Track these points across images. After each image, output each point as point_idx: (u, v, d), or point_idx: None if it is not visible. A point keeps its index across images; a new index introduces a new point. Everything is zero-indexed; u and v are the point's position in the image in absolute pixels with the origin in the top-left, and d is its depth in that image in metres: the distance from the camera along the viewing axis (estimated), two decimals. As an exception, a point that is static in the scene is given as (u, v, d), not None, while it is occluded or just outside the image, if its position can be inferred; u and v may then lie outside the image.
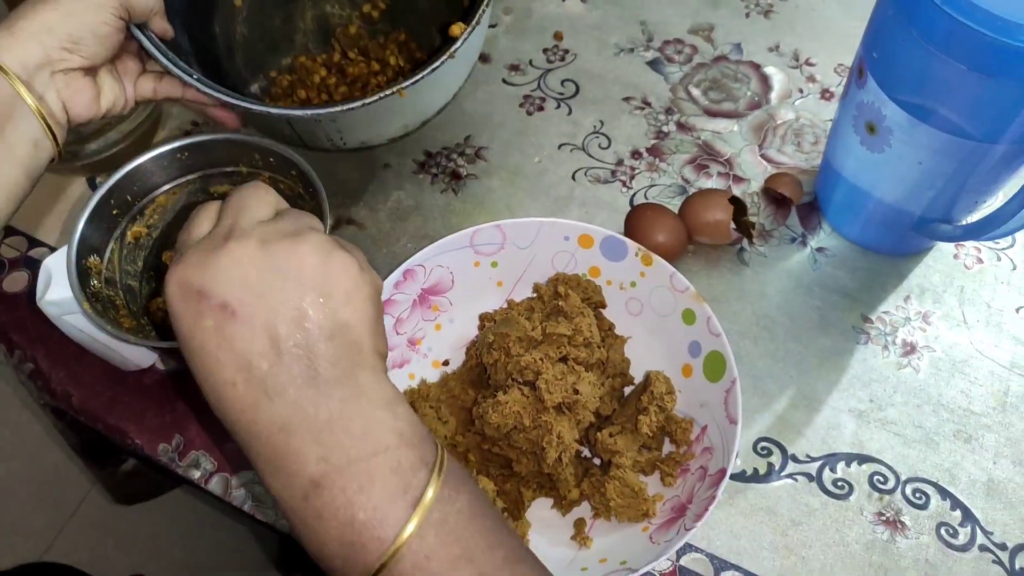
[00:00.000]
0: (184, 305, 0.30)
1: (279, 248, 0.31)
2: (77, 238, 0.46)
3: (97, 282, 0.47)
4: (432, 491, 0.30)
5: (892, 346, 0.60)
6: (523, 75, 0.73)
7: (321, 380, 0.30)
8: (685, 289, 0.55)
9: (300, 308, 0.31)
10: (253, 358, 0.30)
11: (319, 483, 0.30)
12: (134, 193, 0.50)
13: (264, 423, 0.30)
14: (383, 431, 0.31)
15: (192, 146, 0.50)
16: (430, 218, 0.66)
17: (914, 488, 0.54)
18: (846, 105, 0.57)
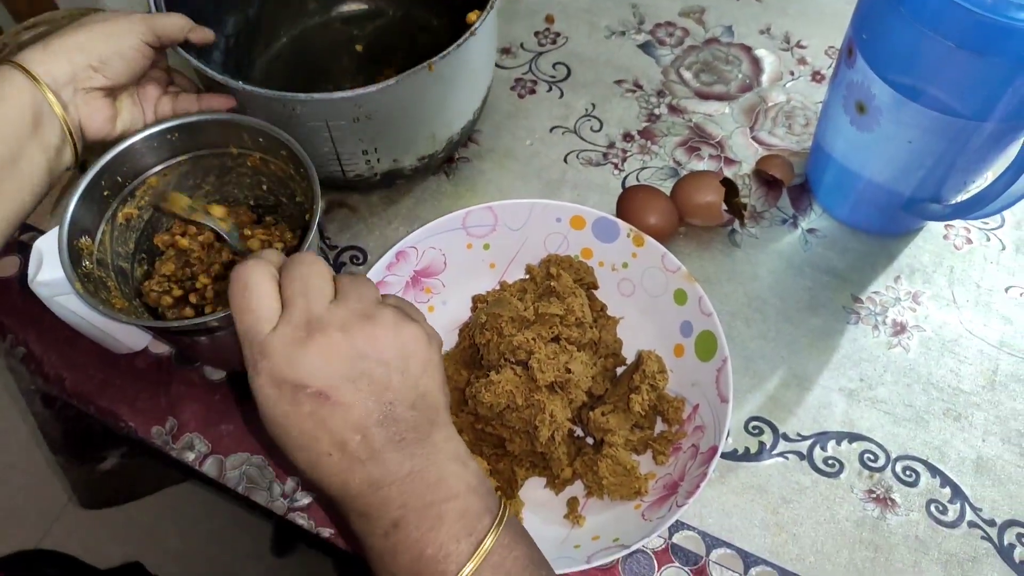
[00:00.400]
0: (278, 396, 0.34)
1: (360, 334, 0.35)
2: (68, 219, 0.46)
3: (88, 263, 0.47)
4: (492, 537, 0.34)
5: (882, 326, 0.60)
6: (514, 58, 0.73)
7: (405, 443, 0.35)
8: (677, 269, 0.55)
9: (386, 385, 0.35)
10: (347, 433, 0.34)
11: (397, 523, 0.34)
12: (124, 174, 0.50)
13: (356, 483, 0.34)
14: (454, 481, 0.35)
15: (182, 127, 0.50)
16: (422, 201, 0.66)
17: (904, 466, 0.55)
18: (836, 85, 0.57)
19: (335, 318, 0.35)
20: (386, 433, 0.34)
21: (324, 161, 0.58)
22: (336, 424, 0.34)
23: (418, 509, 0.34)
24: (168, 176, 0.52)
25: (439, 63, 0.52)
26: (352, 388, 0.34)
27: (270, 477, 0.54)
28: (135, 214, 0.51)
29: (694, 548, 0.52)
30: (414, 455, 0.35)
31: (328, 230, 0.64)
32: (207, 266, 0.52)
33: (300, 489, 0.53)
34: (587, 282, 0.57)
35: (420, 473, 0.35)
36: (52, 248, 0.47)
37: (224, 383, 0.57)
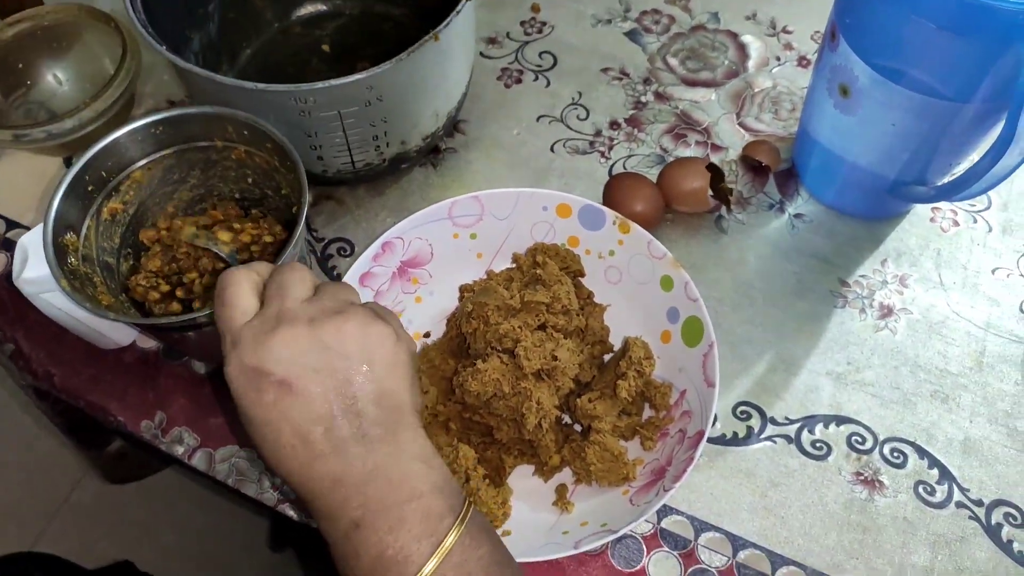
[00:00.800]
0: (245, 383, 0.34)
1: (326, 326, 0.35)
2: (53, 215, 0.46)
3: (74, 259, 0.47)
4: (454, 536, 0.34)
5: (869, 309, 0.60)
6: (500, 48, 0.73)
7: (367, 439, 0.35)
8: (663, 256, 0.55)
9: (348, 379, 0.35)
10: (308, 425, 0.34)
11: (358, 523, 0.34)
12: (109, 169, 0.50)
13: (317, 478, 0.34)
14: (417, 481, 0.35)
15: (166, 121, 0.50)
16: (408, 192, 0.66)
17: (892, 448, 0.55)
18: (820, 69, 0.57)
19: (305, 312, 0.35)
20: (348, 426, 0.34)
21: (335, 153, 0.58)
22: (297, 414, 0.34)
23: (379, 511, 0.34)
24: (153, 170, 0.52)
25: (443, 32, 0.53)
26: (315, 379, 0.34)
27: (260, 469, 0.54)
28: (120, 209, 0.51)
29: (683, 532, 0.52)
30: (376, 451, 0.35)
31: (315, 222, 0.64)
32: (194, 260, 0.53)
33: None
34: (573, 270, 0.57)
35: (383, 470, 0.35)
36: (37, 245, 0.47)
37: (212, 377, 0.57)
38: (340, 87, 0.52)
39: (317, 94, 0.52)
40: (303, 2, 0.72)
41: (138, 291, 0.51)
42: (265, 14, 0.70)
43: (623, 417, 0.53)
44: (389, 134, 0.58)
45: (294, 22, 0.72)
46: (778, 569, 0.51)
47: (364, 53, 0.70)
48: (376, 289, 0.56)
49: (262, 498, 0.53)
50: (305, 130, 0.55)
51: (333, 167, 0.60)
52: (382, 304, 0.57)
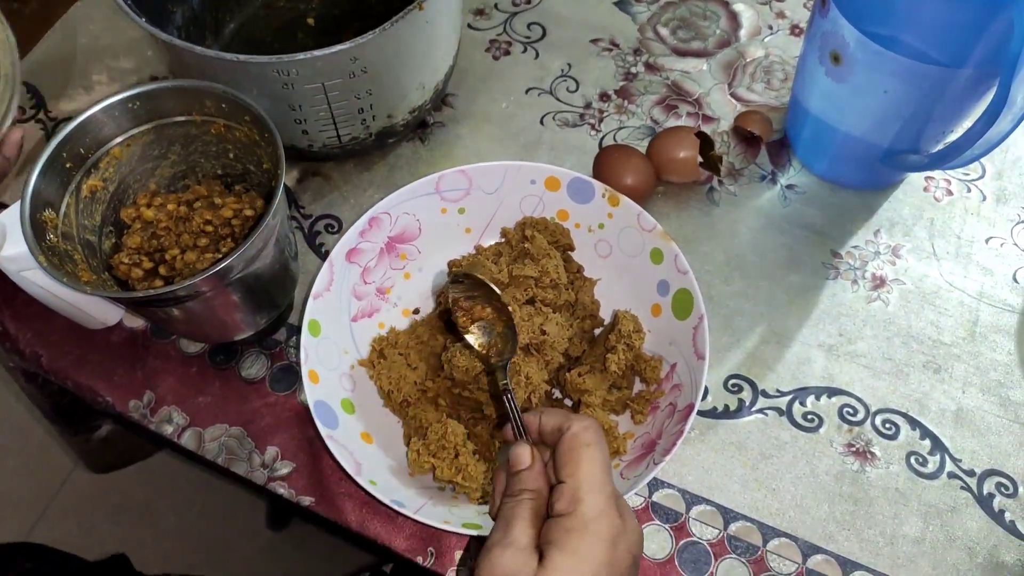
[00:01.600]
0: None
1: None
2: (30, 192, 0.45)
3: (53, 236, 0.46)
4: None
5: (862, 280, 0.60)
6: (488, 19, 0.72)
7: None
8: (652, 228, 0.54)
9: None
10: None
11: None
12: (87, 145, 0.49)
13: None
14: None
15: (142, 95, 0.49)
16: (396, 168, 0.65)
17: (884, 419, 0.55)
18: (811, 37, 0.56)
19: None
20: None
21: (320, 127, 0.57)
22: None
23: None
24: (132, 146, 0.51)
25: (428, 1, 0.52)
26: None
27: (249, 448, 0.54)
28: (100, 186, 0.50)
29: (674, 506, 0.52)
30: None
31: (302, 199, 0.63)
32: (176, 236, 0.52)
33: (281, 458, 0.53)
34: (563, 244, 0.57)
35: None
36: (16, 222, 0.46)
37: (200, 356, 0.57)
38: (323, 58, 0.51)
39: (300, 66, 0.51)
40: (286, -26, 0.70)
41: (121, 269, 0.51)
42: (248, -14, 0.69)
43: (613, 391, 0.52)
44: (375, 107, 0.57)
45: (278, -5, 0.70)
46: (769, 541, 0.50)
47: (350, 26, 0.69)
48: (364, 265, 0.56)
49: (252, 476, 0.53)
50: (289, 103, 0.54)
51: (319, 141, 0.59)
52: (370, 280, 0.56)
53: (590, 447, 0.39)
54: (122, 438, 0.74)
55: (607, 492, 0.38)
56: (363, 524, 0.51)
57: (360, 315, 0.56)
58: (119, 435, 0.73)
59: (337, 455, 0.47)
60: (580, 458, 0.38)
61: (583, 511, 0.37)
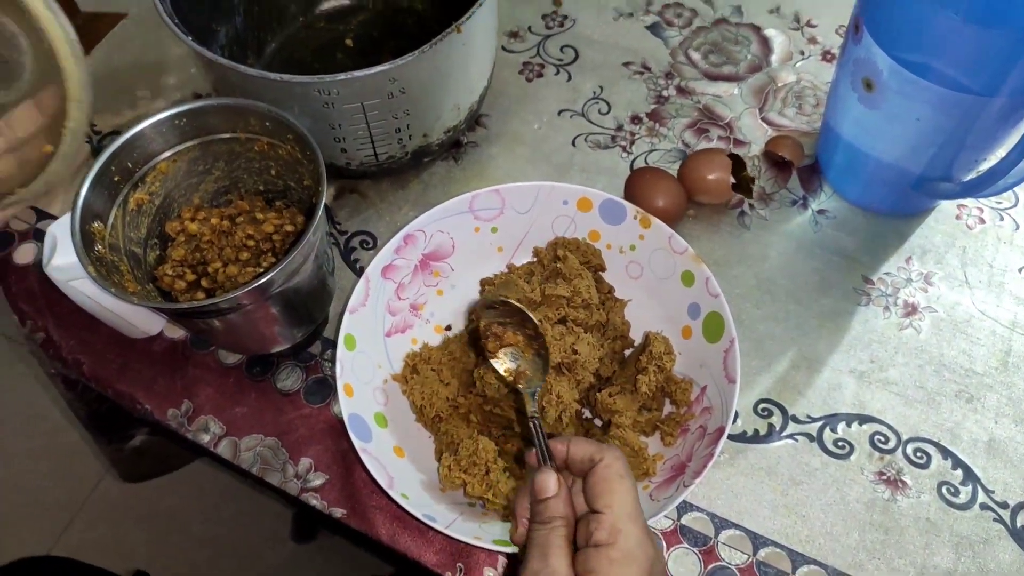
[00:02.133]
0: None
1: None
2: (80, 203, 0.47)
3: (101, 247, 0.48)
4: None
5: (893, 307, 0.59)
6: (522, 42, 0.73)
7: None
8: (684, 251, 0.55)
9: None
10: None
11: None
12: (135, 160, 0.50)
13: None
14: None
15: (189, 112, 0.50)
16: (430, 186, 0.66)
17: (915, 448, 0.54)
18: (844, 63, 0.56)
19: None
20: None
21: (358, 146, 0.58)
22: None
23: None
24: (178, 162, 0.52)
25: (466, 24, 0.53)
26: None
27: (283, 458, 0.55)
28: (146, 199, 0.52)
29: (703, 529, 0.52)
30: None
31: (338, 215, 0.64)
32: (219, 250, 0.53)
33: (314, 469, 0.54)
34: (594, 264, 0.57)
35: None
36: (66, 233, 0.47)
37: (237, 367, 0.58)
38: (363, 79, 0.52)
39: (340, 85, 0.52)
40: (327, -4, 0.72)
41: (165, 280, 0.52)
42: (289, 8, 0.71)
43: (643, 412, 0.53)
44: (411, 127, 0.59)
45: (318, 16, 0.72)
46: (799, 568, 0.50)
47: (387, 47, 0.71)
48: (398, 281, 0.57)
49: (285, 487, 0.54)
50: (329, 122, 0.56)
51: (356, 159, 0.60)
52: (404, 296, 0.57)
53: (624, 478, 0.40)
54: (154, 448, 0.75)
55: (642, 522, 0.39)
56: (394, 538, 0.52)
57: (394, 330, 0.57)
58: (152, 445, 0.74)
59: (370, 468, 0.48)
60: (616, 489, 0.39)
61: (624, 542, 0.37)
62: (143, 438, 0.73)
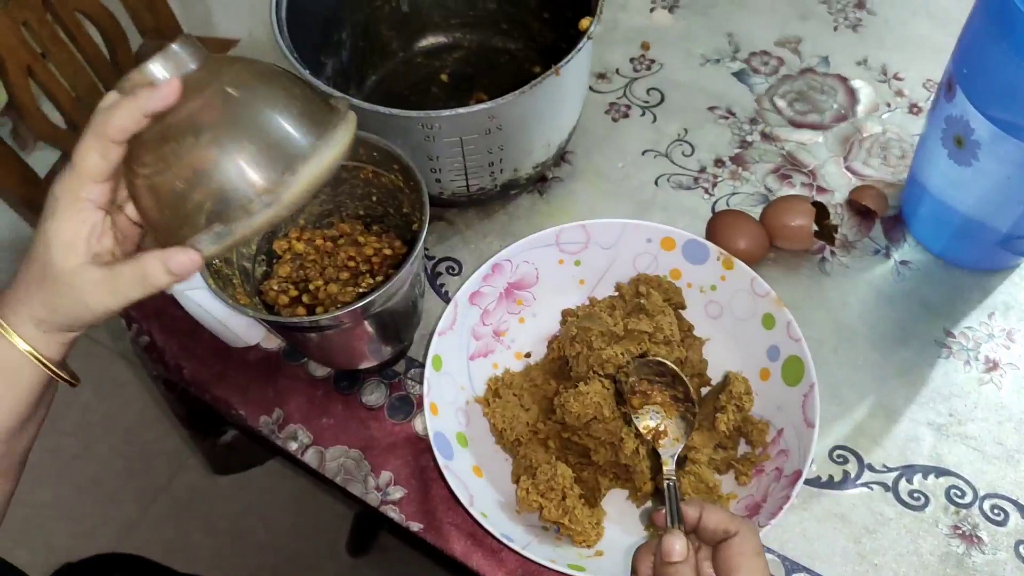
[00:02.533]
0: None
1: None
2: (202, 220, 0.51)
3: (218, 261, 0.51)
4: None
5: (974, 361, 0.59)
6: (609, 83, 0.76)
7: None
8: (766, 294, 0.56)
9: None
10: None
11: None
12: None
13: None
14: None
15: None
16: (515, 217, 0.68)
17: (992, 504, 0.54)
18: (934, 119, 0.57)
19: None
20: None
21: (452, 176, 0.61)
22: None
23: None
24: None
25: (564, 67, 0.55)
26: None
27: (366, 470, 0.57)
28: (258, 219, 0.56)
29: (775, 571, 0.52)
30: None
31: (427, 241, 0.67)
32: (321, 269, 0.56)
33: (394, 483, 0.56)
34: (675, 302, 0.59)
35: None
36: (186, 246, 0.51)
37: (326, 380, 0.61)
38: (466, 115, 0.55)
39: (443, 121, 0.55)
40: (426, 34, 0.76)
41: (270, 295, 0.55)
42: (391, 44, 0.75)
43: (719, 450, 0.54)
44: (504, 161, 0.61)
45: (416, 52, 0.76)
46: (869, 616, 0.50)
47: (480, 83, 0.74)
48: (484, 308, 0.59)
49: (366, 498, 0.56)
50: (428, 153, 0.59)
51: (449, 189, 0.63)
52: (488, 322, 0.60)
53: (759, 556, 0.41)
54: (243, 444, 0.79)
55: None
56: (467, 555, 0.54)
57: (477, 354, 0.59)
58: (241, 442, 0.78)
59: (452, 485, 0.50)
60: (752, 567, 0.41)
61: None
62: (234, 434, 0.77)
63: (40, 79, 0.94)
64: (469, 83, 0.75)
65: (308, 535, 1.20)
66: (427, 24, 0.75)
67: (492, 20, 0.75)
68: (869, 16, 0.77)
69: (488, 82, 0.74)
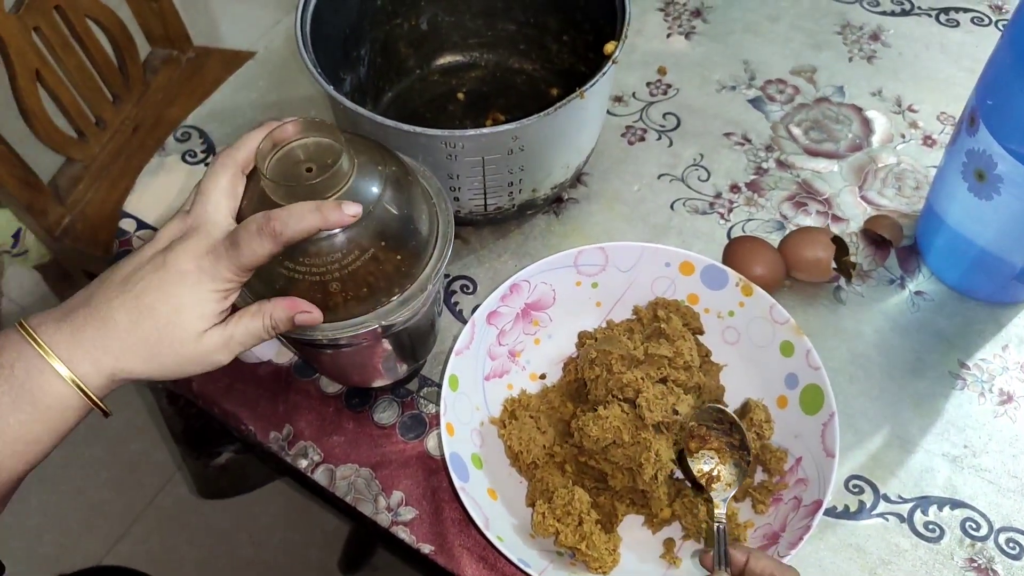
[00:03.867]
0: None
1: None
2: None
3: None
4: None
5: (989, 394, 0.59)
6: (626, 106, 0.76)
7: None
8: (785, 321, 0.56)
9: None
10: None
11: None
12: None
13: None
14: None
15: None
16: (531, 237, 0.68)
17: (1007, 538, 0.54)
18: (954, 152, 0.57)
19: None
20: None
21: (471, 195, 0.61)
22: None
23: None
24: None
25: (589, 91, 0.56)
26: None
27: (376, 490, 0.56)
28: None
29: (789, 601, 0.52)
30: None
31: (441, 259, 0.67)
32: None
33: (405, 503, 0.56)
34: (693, 327, 0.58)
35: None
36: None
37: (337, 396, 0.60)
38: (489, 136, 0.55)
39: (467, 140, 0.55)
40: (443, 52, 0.76)
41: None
42: (408, 61, 0.75)
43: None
44: (523, 181, 0.61)
45: (434, 70, 0.76)
46: (886, 650, 0.50)
47: (496, 103, 0.74)
48: (500, 328, 0.59)
49: (377, 518, 0.55)
50: (448, 172, 0.59)
51: (467, 208, 0.63)
52: (504, 342, 0.59)
53: None
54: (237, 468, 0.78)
55: None
56: (480, 579, 0.53)
57: (492, 375, 0.59)
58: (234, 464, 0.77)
59: (468, 507, 0.49)
60: None
61: None
62: (229, 456, 0.76)
63: (48, 84, 0.94)
64: (485, 102, 0.75)
65: (298, 551, 1.18)
66: (445, 43, 0.76)
67: (511, 41, 0.75)
68: (884, 48, 0.78)
69: (504, 102, 0.75)
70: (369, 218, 0.44)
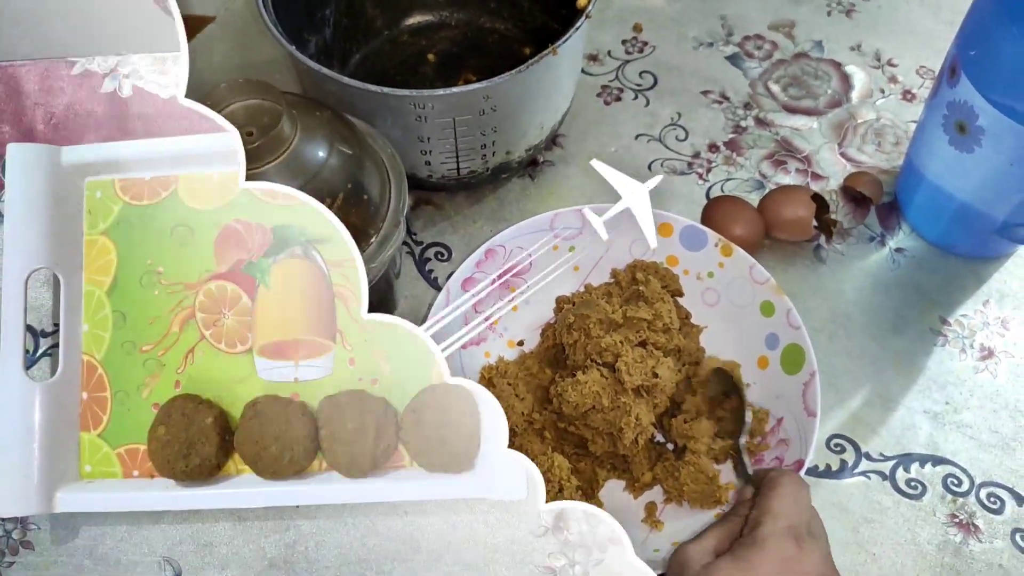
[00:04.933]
0: None
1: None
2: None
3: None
4: None
5: (969, 349, 0.59)
6: (601, 65, 0.74)
7: None
8: (765, 281, 0.55)
9: None
10: None
11: None
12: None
13: None
14: None
15: None
16: (506, 202, 0.67)
17: (988, 492, 0.54)
18: (935, 105, 0.56)
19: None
20: None
21: (443, 159, 0.59)
22: None
23: None
24: None
25: (562, 47, 0.54)
26: None
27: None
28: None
29: (772, 561, 0.51)
30: None
31: (414, 226, 0.65)
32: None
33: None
34: (672, 289, 0.57)
35: None
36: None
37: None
38: (459, 95, 0.53)
39: (436, 100, 0.53)
40: (412, 12, 0.74)
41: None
42: (376, 22, 0.72)
43: (718, 440, 0.53)
44: (496, 143, 0.60)
45: (403, 30, 0.73)
46: (869, 606, 0.50)
47: (468, 64, 0.72)
48: (476, 294, 0.57)
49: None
50: (419, 135, 0.57)
51: (439, 172, 0.61)
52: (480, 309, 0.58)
53: (782, 486, 0.43)
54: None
55: (786, 523, 0.41)
56: (461, 549, 0.52)
57: (469, 343, 0.57)
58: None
59: (447, 478, 0.48)
60: (768, 493, 0.43)
61: (757, 532, 0.41)
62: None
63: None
64: (457, 63, 0.72)
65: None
66: (413, 2, 0.73)
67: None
68: (863, 2, 0.77)
69: (477, 62, 0.72)
70: (315, 180, 0.42)
